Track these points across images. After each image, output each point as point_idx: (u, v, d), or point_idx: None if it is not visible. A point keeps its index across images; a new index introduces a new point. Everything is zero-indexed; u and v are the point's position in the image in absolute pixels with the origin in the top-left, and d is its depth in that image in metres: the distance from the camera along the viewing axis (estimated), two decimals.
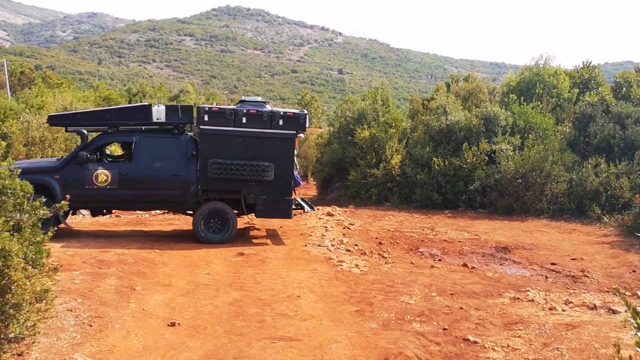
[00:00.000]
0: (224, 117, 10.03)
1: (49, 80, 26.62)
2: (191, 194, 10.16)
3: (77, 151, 9.89)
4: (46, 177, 9.62)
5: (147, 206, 10.96)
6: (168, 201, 10.39)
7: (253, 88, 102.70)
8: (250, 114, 10.12)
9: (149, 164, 10.01)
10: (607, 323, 6.12)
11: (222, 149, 10.08)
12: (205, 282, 7.60)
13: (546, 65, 21.90)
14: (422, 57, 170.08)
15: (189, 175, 10.10)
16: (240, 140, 10.12)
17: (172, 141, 10.23)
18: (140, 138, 10.11)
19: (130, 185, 9.89)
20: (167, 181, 10.06)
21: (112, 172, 9.83)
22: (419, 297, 7.26)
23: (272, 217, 10.86)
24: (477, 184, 15.65)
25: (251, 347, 5.36)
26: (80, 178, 9.70)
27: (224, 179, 10.06)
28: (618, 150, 15.54)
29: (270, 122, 10.16)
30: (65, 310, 5.96)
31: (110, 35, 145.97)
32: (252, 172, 10.06)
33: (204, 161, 10.04)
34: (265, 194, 10.28)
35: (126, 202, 10.24)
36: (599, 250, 10.80)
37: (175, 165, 10.11)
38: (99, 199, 9.99)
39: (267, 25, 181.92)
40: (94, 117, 10.47)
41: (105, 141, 10.43)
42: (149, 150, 10.06)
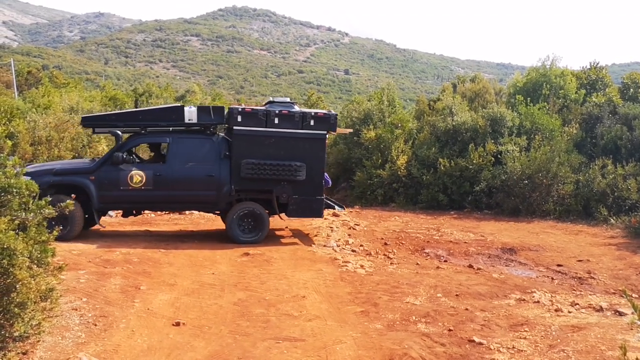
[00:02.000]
0: (256, 117, 10.12)
1: (55, 80, 26.71)
2: (225, 194, 10.19)
3: (112, 152, 9.89)
4: (82, 178, 9.64)
5: (180, 207, 11.03)
6: (202, 202, 10.41)
7: (259, 88, 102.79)
8: (282, 115, 10.23)
9: (183, 165, 10.05)
10: (613, 325, 6.08)
11: (255, 149, 10.16)
12: (210, 282, 7.60)
13: (553, 66, 21.83)
14: (429, 58, 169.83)
15: (223, 176, 10.14)
16: (273, 140, 10.21)
17: (205, 142, 10.27)
18: (173, 139, 10.15)
19: (165, 186, 9.91)
20: (201, 182, 10.09)
21: (146, 173, 9.83)
22: (424, 298, 7.24)
23: (304, 216, 10.99)
24: (483, 184, 15.60)
25: (256, 347, 5.35)
26: (115, 179, 9.71)
27: (257, 179, 10.15)
28: (625, 151, 15.45)
29: (301, 123, 10.29)
30: (70, 309, 5.97)
31: (116, 35, 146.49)
32: (284, 172, 10.17)
33: (237, 161, 10.10)
34: (298, 194, 10.39)
35: (160, 202, 10.29)
36: (605, 251, 10.74)
37: (208, 165, 10.14)
38: (133, 200, 10.01)
39: (273, 25, 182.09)
40: (127, 118, 10.48)
41: (139, 142, 10.50)
42: (183, 151, 10.09)
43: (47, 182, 9.34)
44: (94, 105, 17.75)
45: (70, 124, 14.33)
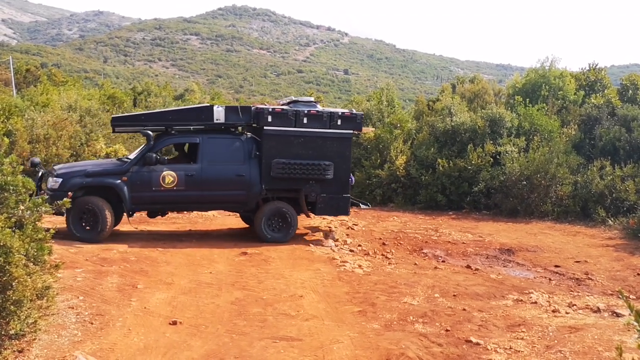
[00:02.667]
0: (286, 117, 10.19)
1: (54, 78, 26.65)
2: (255, 194, 10.27)
3: (144, 153, 9.79)
4: (114, 179, 9.59)
5: (211, 207, 10.99)
6: (232, 201, 10.43)
7: (258, 88, 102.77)
8: (311, 114, 10.32)
9: (213, 165, 10.05)
10: (610, 326, 6.08)
11: (284, 148, 10.23)
12: (207, 281, 7.59)
13: (552, 67, 21.85)
14: (428, 58, 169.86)
15: (253, 176, 10.20)
16: (302, 140, 10.31)
17: (234, 142, 10.33)
18: (203, 139, 10.12)
19: (197, 186, 9.90)
20: (232, 182, 10.13)
21: (178, 174, 9.79)
22: (421, 298, 7.24)
23: (331, 214, 11.24)
24: (481, 185, 15.60)
25: (252, 346, 5.34)
26: (147, 180, 9.66)
27: (287, 178, 10.23)
28: (624, 153, 15.46)
29: (329, 122, 10.39)
30: (66, 308, 5.95)
31: (116, 33, 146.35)
32: (314, 171, 10.26)
33: (267, 161, 10.15)
34: (325, 192, 10.49)
35: (191, 203, 10.28)
36: (603, 253, 10.74)
37: (239, 165, 10.17)
38: (165, 201, 9.98)
39: (273, 25, 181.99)
40: (157, 118, 10.43)
41: (170, 142, 10.44)
42: (213, 151, 10.10)
43: (80, 184, 9.40)
44: (92, 103, 17.69)
45: (68, 122, 14.29)
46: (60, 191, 9.17)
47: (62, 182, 9.34)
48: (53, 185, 9.39)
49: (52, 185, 9.42)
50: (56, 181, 9.38)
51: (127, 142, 17.60)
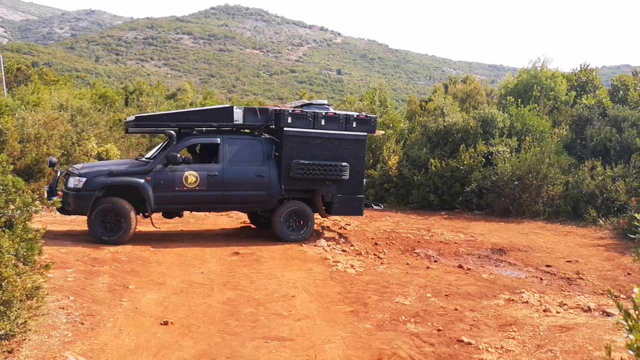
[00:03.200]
0: (305, 119, 10.41)
1: (45, 77, 26.47)
2: (275, 194, 10.41)
3: (167, 153, 9.75)
4: (138, 179, 9.55)
5: (231, 207, 10.95)
6: (253, 202, 10.51)
7: (251, 87, 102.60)
8: (329, 117, 10.59)
9: (234, 165, 10.16)
10: (601, 325, 6.11)
11: (303, 150, 10.44)
12: (199, 281, 7.57)
13: (544, 67, 21.96)
14: (421, 59, 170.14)
15: (272, 176, 10.35)
16: (320, 141, 10.54)
17: (253, 142, 10.45)
18: (223, 139, 10.22)
19: (218, 187, 9.98)
20: (253, 182, 10.26)
21: (200, 174, 9.85)
22: (414, 298, 7.24)
23: (347, 214, 11.48)
24: (473, 185, 15.65)
25: (244, 346, 5.33)
26: (170, 180, 9.68)
27: (306, 178, 10.42)
28: (614, 153, 15.56)
29: (345, 124, 10.68)
30: (57, 308, 5.92)
31: (107, 32, 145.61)
32: (331, 172, 10.48)
33: (287, 162, 10.33)
34: (341, 193, 10.76)
35: (213, 203, 10.29)
36: (594, 252, 10.80)
37: (258, 166, 10.32)
38: (187, 201, 9.99)
39: (265, 24, 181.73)
40: (180, 119, 10.41)
41: (193, 142, 10.37)
42: (234, 152, 10.20)
43: (105, 183, 9.35)
44: (83, 103, 17.59)
45: (59, 122, 14.20)
46: (84, 190, 9.20)
47: (87, 181, 9.28)
48: (76, 185, 9.30)
49: (75, 184, 9.33)
50: (80, 180, 9.30)
51: (119, 142, 17.53)
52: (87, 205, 9.21)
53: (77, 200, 9.29)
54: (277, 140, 10.51)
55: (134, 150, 18.00)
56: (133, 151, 17.92)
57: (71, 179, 9.47)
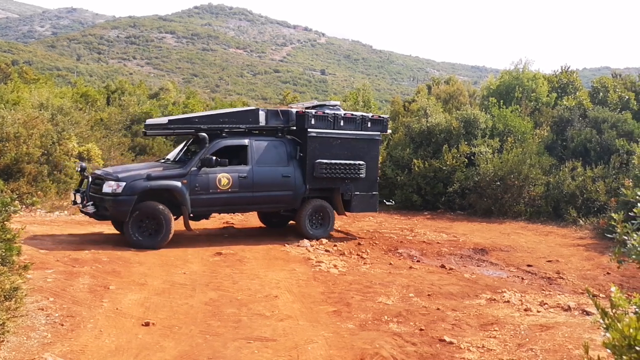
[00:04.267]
0: (326, 120, 10.88)
1: (25, 76, 26.10)
2: (300, 193, 10.76)
3: (200, 155, 9.80)
4: (176, 182, 9.56)
5: (260, 207, 11.16)
6: (280, 202, 10.76)
7: (235, 87, 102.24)
8: (347, 118, 11.11)
9: (262, 167, 10.40)
10: (581, 324, 6.18)
11: (325, 150, 10.87)
12: (181, 281, 7.52)
13: (525, 69, 22.17)
14: (405, 60, 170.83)
15: (297, 176, 10.71)
16: (339, 141, 11.01)
17: (278, 144, 10.73)
18: (251, 141, 10.43)
19: (249, 188, 10.20)
20: (279, 182, 10.57)
21: (232, 176, 10.02)
22: (396, 297, 7.27)
23: (363, 211, 11.97)
24: (456, 185, 15.75)
25: (226, 347, 5.30)
26: (205, 182, 9.78)
27: (328, 178, 10.86)
28: (594, 154, 15.76)
29: (361, 125, 11.23)
30: (36, 309, 5.84)
31: (89, 31, 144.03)
32: (350, 171, 11.01)
33: (311, 162, 10.73)
34: (358, 190, 11.30)
35: (243, 204, 10.49)
36: (574, 252, 10.93)
37: (284, 166, 10.64)
38: (220, 203, 10.11)
39: (249, 24, 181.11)
40: (210, 121, 10.44)
41: (224, 144, 10.31)
42: (261, 153, 10.46)
43: (144, 187, 9.26)
44: (64, 102, 17.37)
45: (39, 121, 14.01)
46: (124, 195, 9.10)
47: (126, 186, 9.15)
48: (115, 190, 9.14)
49: (113, 189, 9.16)
50: (119, 185, 9.16)
51: (100, 141, 17.36)
52: (126, 210, 9.13)
53: (116, 205, 9.16)
54: (300, 141, 10.85)
55: (115, 150, 17.83)
56: (114, 151, 17.75)
57: (108, 184, 9.26)
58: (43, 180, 13.28)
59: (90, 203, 9.28)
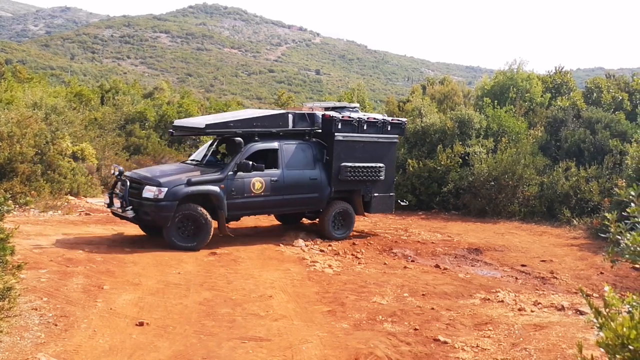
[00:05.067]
0: (351, 124, 11.10)
1: (19, 75, 25.94)
2: (327, 196, 10.99)
3: (236, 160, 9.91)
4: (214, 186, 9.65)
5: (289, 209, 11.33)
6: (307, 204, 11.02)
7: (230, 87, 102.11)
8: (369, 121, 11.34)
9: (291, 170, 10.57)
10: (574, 324, 6.21)
11: (349, 153, 11.10)
12: (175, 281, 7.50)
13: (520, 69, 22.21)
14: (399, 60, 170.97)
15: (323, 179, 10.92)
16: (362, 144, 11.26)
17: (305, 147, 10.92)
18: (280, 145, 10.60)
19: (280, 191, 10.39)
20: (307, 185, 10.76)
21: (265, 179, 10.18)
22: (391, 297, 7.28)
23: (382, 212, 12.40)
24: (450, 186, 15.77)
25: (221, 347, 5.30)
26: (240, 186, 9.93)
27: (352, 180, 11.09)
28: (588, 154, 15.81)
29: (382, 128, 11.50)
30: (29, 309, 5.82)
31: (83, 30, 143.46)
32: (371, 173, 11.28)
33: (336, 165, 10.94)
34: (377, 192, 11.60)
35: (275, 207, 10.72)
36: (568, 252, 10.97)
37: (311, 169, 10.85)
38: (254, 206, 10.28)
39: (244, 24, 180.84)
40: (244, 125, 10.47)
41: (257, 148, 10.37)
42: (290, 157, 10.65)
43: (186, 193, 9.34)
44: (58, 101, 17.30)
45: (33, 120, 13.95)
46: (166, 201, 9.16)
47: (169, 192, 9.21)
48: (157, 195, 9.18)
49: (155, 194, 9.19)
50: (161, 190, 9.20)
51: (94, 141, 17.30)
52: (169, 215, 9.20)
53: (159, 210, 9.20)
54: (325, 144, 11.05)
55: (109, 150, 17.77)
56: (109, 150, 17.69)
57: (149, 189, 9.29)
58: (37, 180, 13.22)
59: (130, 207, 9.32)
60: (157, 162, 19.89)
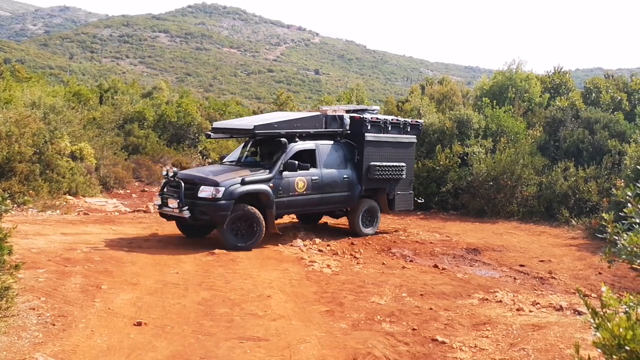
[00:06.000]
0: (378, 125, 11.68)
1: (17, 74, 25.92)
2: (357, 194, 11.45)
3: (283, 159, 10.21)
4: (265, 185, 9.93)
5: (325, 208, 11.61)
6: (341, 202, 11.42)
7: (229, 87, 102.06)
8: (393, 123, 11.99)
9: (328, 169, 10.98)
10: (572, 324, 6.21)
11: (377, 153, 11.65)
12: (174, 281, 7.49)
13: (518, 69, 22.23)
14: (398, 60, 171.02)
15: (354, 177, 11.36)
16: (387, 145, 11.84)
17: (337, 147, 11.33)
18: (317, 145, 10.96)
19: (318, 190, 10.77)
20: (341, 184, 11.18)
21: (306, 179, 10.54)
22: (389, 297, 7.27)
23: (403, 209, 12.88)
24: (449, 186, 15.78)
25: (219, 347, 5.29)
26: (286, 185, 10.27)
27: (379, 179, 11.66)
28: (587, 154, 15.82)
29: (403, 129, 12.16)
30: (27, 309, 5.81)
31: (82, 29, 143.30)
32: (395, 172, 11.89)
33: (366, 164, 11.45)
34: (399, 190, 12.24)
35: (313, 205, 11.04)
36: (566, 252, 10.98)
37: (343, 169, 11.27)
38: (297, 205, 10.63)
39: (243, 23, 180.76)
40: (287, 126, 10.77)
41: (299, 148, 10.69)
42: (325, 157, 11.03)
43: (241, 192, 9.54)
44: (57, 100, 17.27)
45: (31, 119, 13.93)
46: (223, 200, 9.35)
47: (226, 191, 9.40)
48: (215, 195, 9.36)
49: (212, 194, 9.37)
50: (218, 190, 9.39)
51: (93, 140, 17.28)
52: (226, 214, 9.40)
53: (217, 210, 9.38)
54: (354, 144, 11.47)
55: (108, 149, 17.76)
56: (107, 150, 17.68)
57: (205, 189, 9.46)
58: (35, 180, 13.22)
59: (186, 208, 9.43)
60: (156, 162, 19.89)
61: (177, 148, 22.40)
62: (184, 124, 23.36)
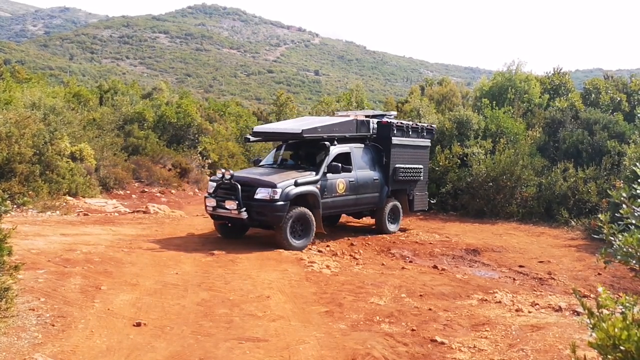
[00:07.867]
0: (402, 130, 12.36)
1: (17, 75, 25.92)
2: (385, 195, 12.03)
3: (326, 162, 10.63)
4: (314, 187, 10.31)
5: (359, 208, 12.00)
6: (372, 202, 11.90)
7: (229, 87, 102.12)
8: (413, 127, 12.72)
9: (361, 172, 11.47)
10: (571, 325, 6.21)
11: (401, 156, 12.29)
12: (173, 282, 7.50)
13: (518, 70, 22.28)
14: (398, 61, 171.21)
15: (382, 179, 11.92)
16: (409, 148, 12.52)
17: (367, 150, 11.88)
18: (351, 148, 11.43)
19: (354, 191, 11.25)
20: (373, 185, 11.72)
21: (345, 180, 11.01)
22: (388, 298, 7.28)
23: (420, 208, 13.50)
24: (449, 186, 15.80)
25: (218, 347, 5.30)
26: (330, 187, 10.70)
27: (403, 180, 12.33)
28: (586, 155, 15.84)
29: (421, 133, 12.86)
30: (27, 310, 5.81)
31: (82, 30, 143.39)
32: (416, 174, 12.61)
33: (392, 166, 12.07)
34: (417, 191, 12.97)
35: (350, 206, 11.49)
36: (566, 253, 10.99)
37: (374, 171, 11.80)
38: (338, 205, 11.06)
39: (243, 24, 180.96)
40: (328, 130, 11.12)
41: (339, 151, 11.09)
42: (359, 159, 11.54)
43: (296, 193, 9.84)
44: (57, 101, 17.28)
45: (31, 120, 13.94)
46: (281, 201, 9.66)
47: (283, 192, 9.65)
48: (272, 196, 9.59)
49: (270, 195, 9.61)
50: (275, 191, 9.61)
51: (93, 141, 17.29)
52: (283, 215, 9.65)
53: (274, 210, 9.62)
54: (381, 147, 12.04)
55: (108, 150, 17.77)
56: (107, 151, 17.69)
57: (263, 190, 9.69)
58: (35, 180, 13.22)
59: (244, 209, 9.61)
60: (156, 163, 19.90)
61: (177, 149, 22.40)
62: (184, 125, 23.38)
